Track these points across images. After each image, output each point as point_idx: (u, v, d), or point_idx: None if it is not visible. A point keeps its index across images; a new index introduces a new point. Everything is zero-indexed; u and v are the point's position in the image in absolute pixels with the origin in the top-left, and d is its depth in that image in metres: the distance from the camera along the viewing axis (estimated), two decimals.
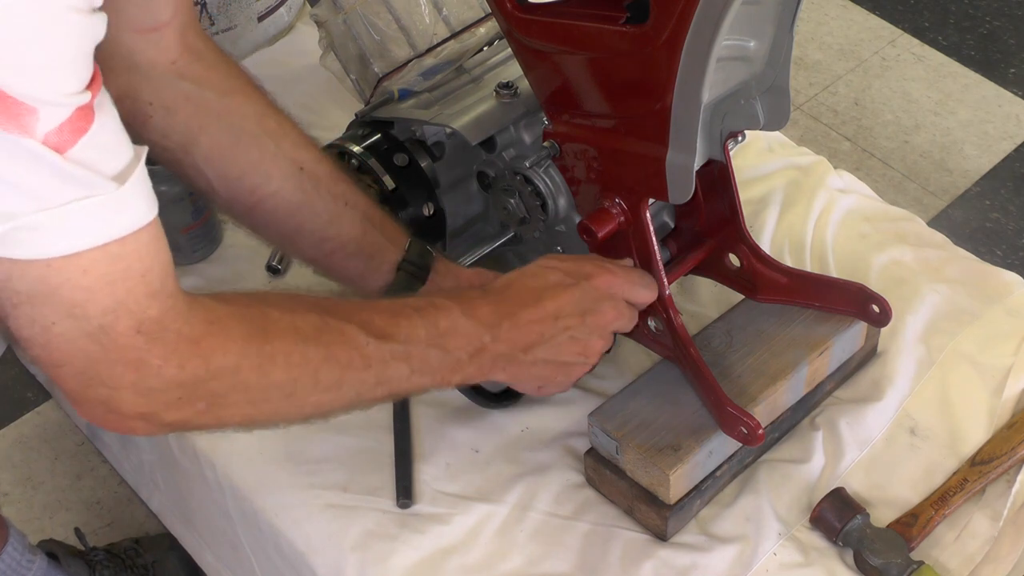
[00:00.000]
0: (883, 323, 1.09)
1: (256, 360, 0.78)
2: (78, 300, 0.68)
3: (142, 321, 0.71)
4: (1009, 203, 2.20)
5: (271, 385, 0.79)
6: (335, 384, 0.83)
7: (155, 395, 0.73)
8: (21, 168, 0.63)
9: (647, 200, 1.01)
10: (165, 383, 0.73)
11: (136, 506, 1.62)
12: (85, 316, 0.68)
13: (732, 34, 0.89)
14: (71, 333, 0.69)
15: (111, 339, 0.70)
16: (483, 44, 1.23)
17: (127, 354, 0.71)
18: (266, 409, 0.82)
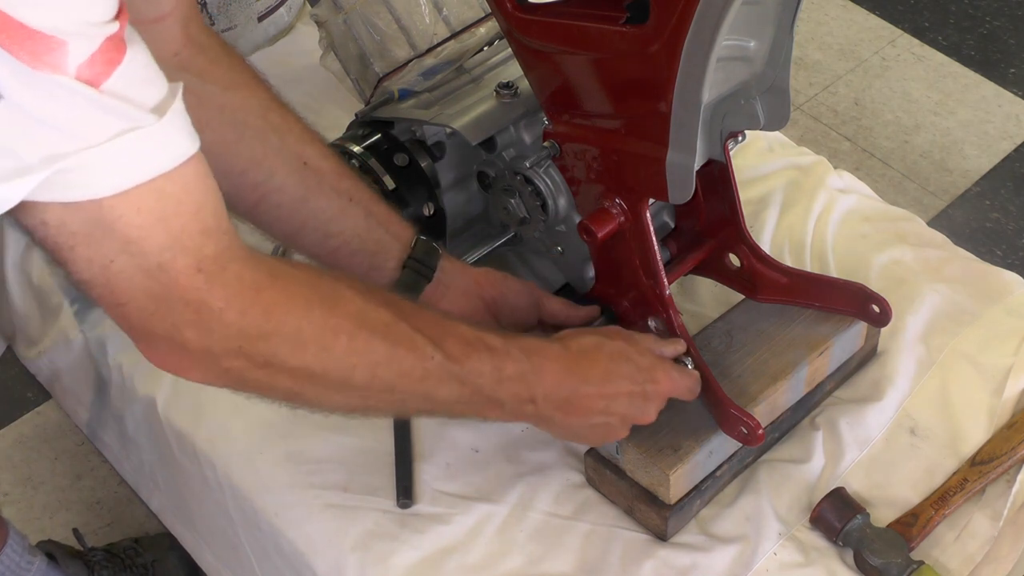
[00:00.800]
0: (883, 323, 1.09)
1: (319, 329, 0.77)
2: (133, 237, 0.67)
3: (201, 260, 0.70)
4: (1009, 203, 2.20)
5: (329, 360, 0.79)
6: (388, 387, 0.83)
7: (215, 337, 0.73)
8: (58, 107, 0.62)
9: (647, 200, 1.01)
10: (224, 327, 0.73)
11: (136, 506, 1.62)
12: (142, 253, 0.68)
13: (732, 34, 0.89)
14: (130, 271, 0.68)
15: (171, 277, 0.69)
16: (483, 44, 1.23)
17: (188, 294, 0.70)
18: (315, 388, 0.81)
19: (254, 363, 0.76)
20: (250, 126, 0.98)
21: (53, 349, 1.34)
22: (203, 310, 0.71)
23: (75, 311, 1.28)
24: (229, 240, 0.73)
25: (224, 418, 1.15)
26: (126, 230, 0.67)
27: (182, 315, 0.71)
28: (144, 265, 0.68)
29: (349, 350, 0.79)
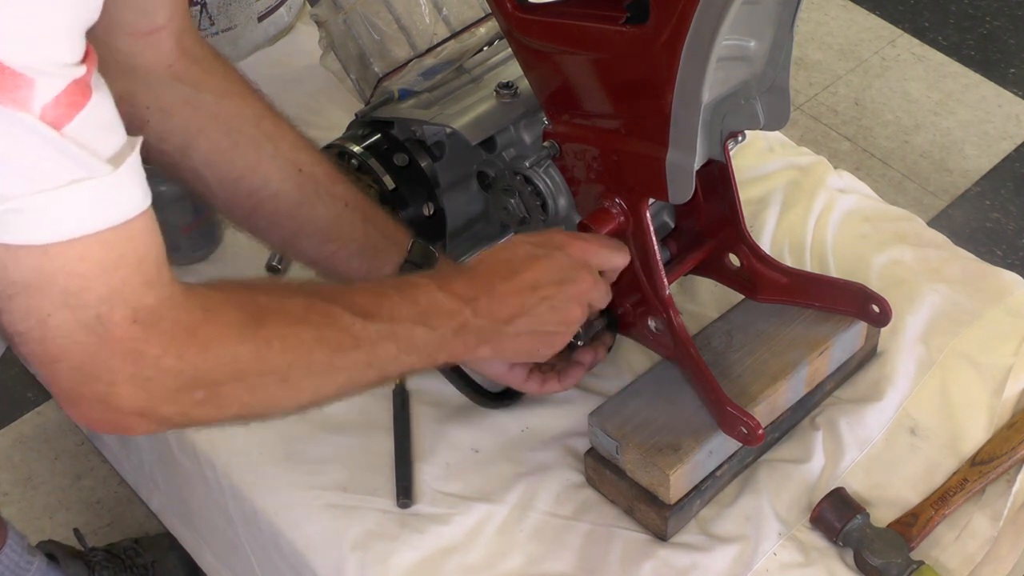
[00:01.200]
0: (883, 323, 1.09)
1: (252, 346, 0.77)
2: (74, 288, 0.67)
3: (138, 310, 0.70)
4: (1009, 203, 2.20)
5: (268, 370, 0.79)
6: (327, 366, 0.83)
7: (152, 387, 0.72)
8: (17, 145, 0.62)
9: (647, 200, 1.01)
10: (163, 373, 0.72)
11: (136, 506, 1.62)
12: (81, 305, 0.67)
13: (732, 34, 0.89)
14: (68, 325, 0.68)
15: (107, 329, 0.69)
16: (483, 44, 1.23)
17: (124, 345, 0.70)
18: (263, 397, 0.81)
19: (194, 400, 0.75)
20: (244, 134, 0.99)
21: None
22: (140, 360, 0.71)
23: None
24: (169, 291, 0.72)
25: None
26: (68, 281, 0.66)
27: (118, 370, 0.70)
28: (83, 318, 0.68)
29: (282, 350, 0.79)
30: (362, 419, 1.13)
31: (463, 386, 1.12)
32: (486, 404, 1.13)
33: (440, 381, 1.13)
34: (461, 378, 1.12)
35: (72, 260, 0.66)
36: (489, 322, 0.93)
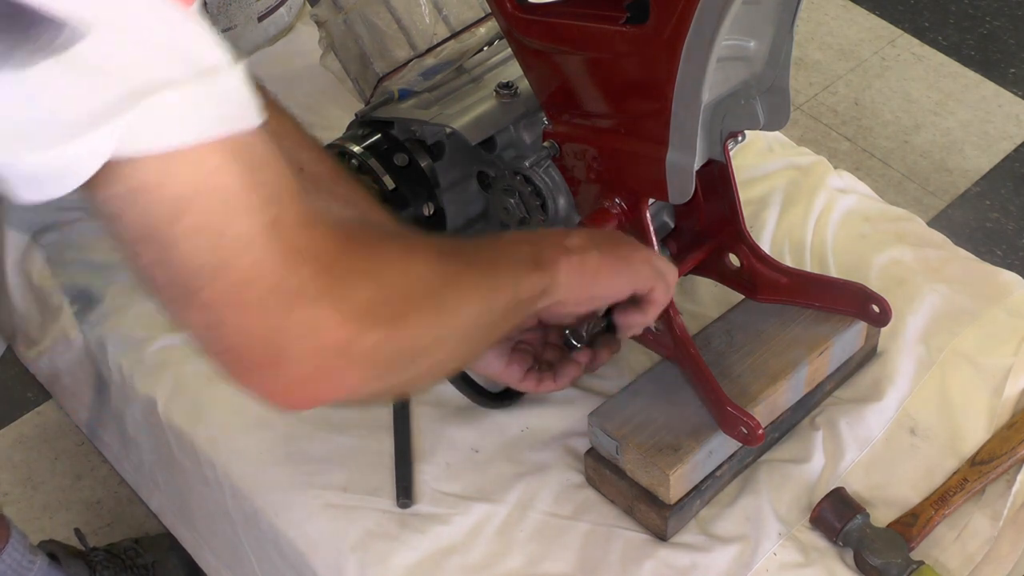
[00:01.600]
0: (883, 323, 1.09)
1: (405, 255, 0.71)
2: (240, 187, 0.58)
3: (300, 213, 0.61)
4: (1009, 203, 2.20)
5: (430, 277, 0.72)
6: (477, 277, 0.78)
7: (346, 300, 0.63)
8: (163, 29, 0.54)
9: (647, 200, 1.01)
10: (347, 277, 0.64)
11: (136, 506, 1.62)
12: (251, 209, 0.58)
13: (732, 34, 0.89)
14: (245, 236, 0.58)
15: (283, 235, 0.60)
16: (483, 44, 1.23)
17: (302, 249, 0.61)
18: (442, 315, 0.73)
19: (388, 316, 0.66)
20: None
21: (53, 349, 1.34)
22: (322, 264, 0.62)
23: (75, 311, 1.28)
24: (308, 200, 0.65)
25: (224, 418, 1.15)
26: (231, 180, 0.57)
27: (309, 280, 0.61)
28: (257, 226, 0.58)
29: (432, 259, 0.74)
30: (362, 419, 1.13)
31: (463, 386, 1.12)
32: (486, 404, 1.13)
33: (440, 381, 1.13)
34: (461, 378, 1.12)
35: (226, 159, 0.57)
36: (560, 239, 0.89)
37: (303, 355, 0.63)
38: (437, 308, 0.74)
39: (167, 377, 1.19)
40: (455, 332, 0.77)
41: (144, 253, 0.58)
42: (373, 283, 0.67)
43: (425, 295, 0.72)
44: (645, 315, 0.98)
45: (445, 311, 0.75)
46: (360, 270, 0.66)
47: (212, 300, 0.59)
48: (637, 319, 0.99)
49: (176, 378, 1.19)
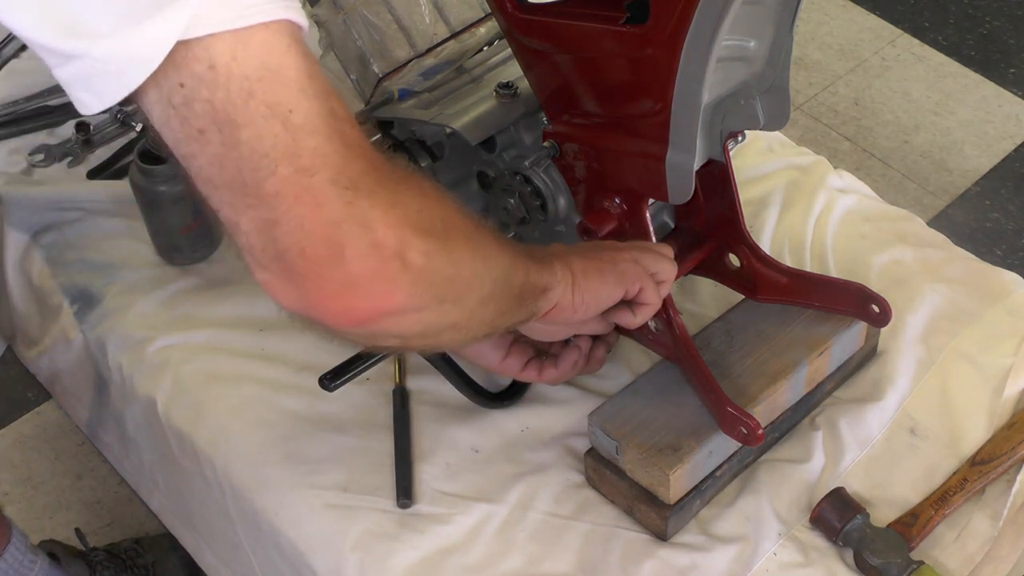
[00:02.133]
0: (883, 323, 1.09)
1: (440, 190, 0.72)
2: (302, 70, 0.58)
3: (347, 112, 0.63)
4: (1009, 203, 2.20)
5: (461, 216, 0.73)
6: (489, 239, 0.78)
7: (398, 202, 0.64)
8: None
9: (647, 200, 1.01)
10: (395, 182, 0.65)
11: (136, 506, 1.62)
12: (314, 94, 0.59)
13: (732, 34, 0.89)
14: (311, 118, 0.59)
15: (340, 126, 0.61)
16: (483, 44, 1.23)
17: (358, 143, 0.62)
18: (476, 256, 0.74)
19: (434, 237, 0.66)
20: None
21: (53, 349, 1.35)
22: (374, 161, 0.63)
23: (75, 311, 1.28)
24: None
25: (224, 418, 1.15)
26: (295, 63, 0.57)
27: (366, 172, 0.61)
28: (321, 110, 0.59)
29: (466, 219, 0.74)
30: (362, 419, 1.13)
31: (463, 386, 1.12)
32: (486, 404, 1.13)
33: (440, 381, 1.13)
34: (461, 378, 1.12)
35: (287, 39, 0.58)
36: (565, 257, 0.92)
37: (361, 252, 0.63)
38: (474, 244, 0.73)
39: (167, 377, 1.19)
40: (489, 277, 0.76)
41: (210, 143, 0.59)
42: (419, 196, 0.67)
43: (463, 228, 0.72)
44: (635, 316, 0.98)
45: (480, 250, 0.75)
46: (406, 181, 0.66)
47: (276, 190, 0.59)
48: (626, 319, 0.98)
49: (176, 378, 1.19)
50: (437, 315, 0.71)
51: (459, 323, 0.76)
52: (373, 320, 0.66)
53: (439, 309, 0.71)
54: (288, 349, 1.19)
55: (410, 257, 0.65)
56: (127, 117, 1.44)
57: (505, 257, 0.80)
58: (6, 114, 1.47)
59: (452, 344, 0.80)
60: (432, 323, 0.72)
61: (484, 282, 0.77)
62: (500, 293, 0.81)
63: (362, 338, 0.70)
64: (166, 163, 1.22)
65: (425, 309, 0.69)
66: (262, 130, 0.58)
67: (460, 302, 0.74)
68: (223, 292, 1.26)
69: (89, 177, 1.40)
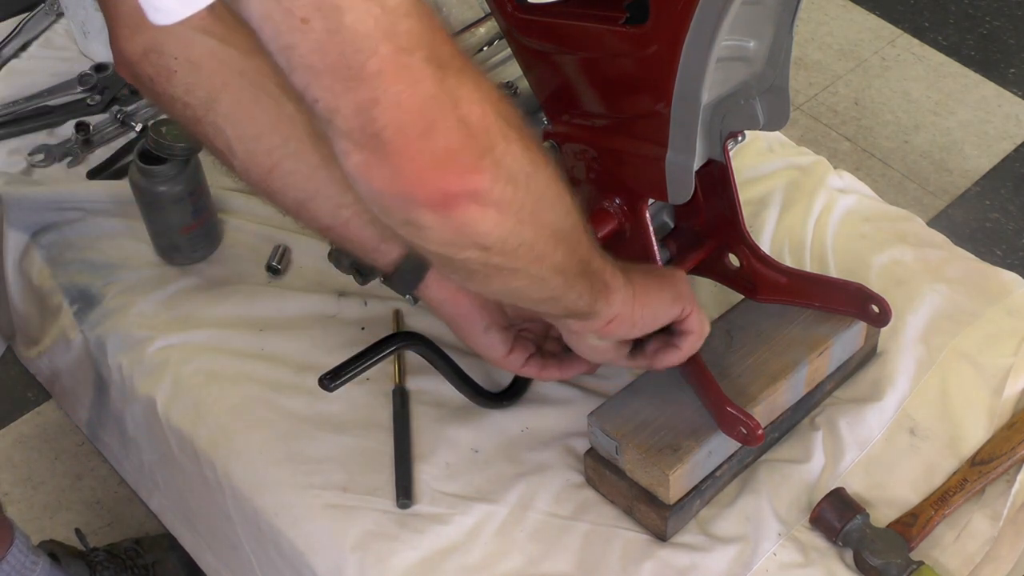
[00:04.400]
0: (883, 323, 1.09)
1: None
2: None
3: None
4: (1009, 203, 2.20)
5: (533, 156, 0.75)
6: (561, 198, 0.80)
7: (483, 87, 0.68)
8: None
9: (647, 200, 1.01)
10: (474, 74, 0.68)
11: (136, 506, 1.62)
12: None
13: (732, 34, 0.89)
14: (406, 1, 0.63)
15: (426, 8, 0.65)
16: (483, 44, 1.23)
17: (439, 27, 0.66)
18: (542, 188, 0.76)
19: (517, 130, 0.70)
20: (267, 91, 0.98)
21: (53, 349, 1.35)
22: (455, 48, 0.67)
23: (75, 311, 1.28)
24: None
25: (224, 418, 1.15)
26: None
27: (454, 55, 0.66)
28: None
29: (533, 147, 0.76)
30: (362, 419, 1.13)
31: (463, 386, 1.12)
32: (486, 404, 1.13)
33: (440, 381, 1.13)
34: (461, 378, 1.12)
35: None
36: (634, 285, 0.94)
37: (450, 126, 0.66)
38: (545, 164, 0.76)
39: (167, 377, 1.19)
40: (562, 209, 0.79)
41: (313, 30, 0.62)
42: (496, 88, 0.70)
43: (535, 141, 0.75)
44: (680, 350, 1.00)
45: (551, 176, 0.77)
46: (482, 72, 0.69)
47: (379, 68, 0.63)
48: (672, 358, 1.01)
49: (176, 378, 1.19)
50: (517, 219, 0.74)
51: (535, 244, 0.78)
52: (458, 200, 0.69)
53: (519, 213, 0.74)
54: (288, 349, 1.19)
55: (492, 135, 0.69)
56: (127, 117, 1.44)
57: (575, 208, 0.82)
58: (6, 114, 1.47)
59: (526, 281, 0.82)
60: (512, 229, 0.74)
61: (557, 211, 0.79)
62: (570, 243, 0.82)
63: (448, 237, 0.72)
64: (166, 163, 1.22)
65: (506, 205, 0.72)
66: (363, 13, 0.62)
67: (537, 216, 0.76)
68: (223, 292, 1.26)
69: (89, 177, 1.40)
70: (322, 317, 1.23)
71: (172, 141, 1.21)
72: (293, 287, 1.26)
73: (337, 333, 1.21)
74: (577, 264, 0.85)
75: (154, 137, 1.21)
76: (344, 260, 1.16)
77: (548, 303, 0.89)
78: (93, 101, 1.47)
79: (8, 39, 1.55)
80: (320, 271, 1.25)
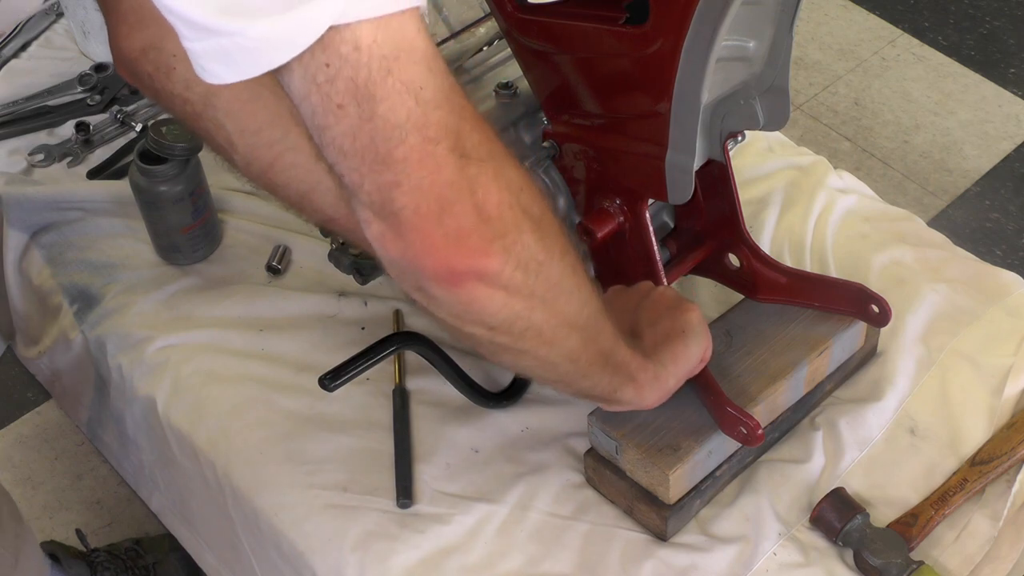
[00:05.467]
0: (883, 323, 1.09)
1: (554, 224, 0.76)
2: (427, 52, 0.64)
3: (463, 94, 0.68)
4: (1009, 203, 2.20)
5: (549, 241, 0.75)
6: (578, 289, 0.80)
7: (504, 174, 0.70)
8: None
9: (647, 200, 1.01)
10: (504, 156, 0.70)
11: (136, 506, 1.62)
12: (437, 71, 0.65)
13: (732, 34, 0.89)
14: (438, 94, 0.65)
15: (459, 102, 0.67)
16: (483, 44, 1.23)
17: (473, 117, 0.68)
18: (550, 289, 0.77)
19: (518, 250, 0.72)
20: (267, 85, 0.97)
21: (53, 349, 1.35)
22: (486, 134, 0.69)
23: (75, 311, 1.28)
24: None
25: (224, 418, 1.15)
26: (422, 44, 0.64)
27: (480, 144, 0.68)
28: (443, 88, 0.65)
29: (553, 231, 0.76)
30: (362, 419, 1.13)
31: (463, 386, 1.12)
32: (486, 404, 1.13)
33: (440, 381, 1.13)
34: (461, 378, 1.12)
35: (421, 26, 0.64)
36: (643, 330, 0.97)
37: (465, 210, 0.68)
38: (566, 253, 0.77)
39: (167, 377, 1.19)
40: (579, 298, 0.80)
41: (348, 116, 0.64)
42: (522, 177, 0.72)
43: (558, 230, 0.76)
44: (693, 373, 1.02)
45: (572, 266, 0.78)
46: (513, 160, 0.72)
47: (404, 156, 0.65)
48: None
49: (176, 378, 1.19)
50: (526, 305, 0.75)
51: (544, 331, 0.79)
52: (466, 278, 0.71)
53: (528, 299, 0.75)
54: (288, 349, 1.19)
55: (506, 222, 0.71)
56: (127, 117, 1.44)
57: (595, 300, 0.84)
58: (6, 114, 1.47)
59: (534, 363, 0.84)
60: (520, 313, 0.76)
61: (573, 299, 0.80)
62: (587, 334, 0.84)
63: (455, 310, 0.74)
64: (166, 163, 1.22)
65: (515, 290, 0.73)
66: (396, 104, 0.64)
67: (548, 304, 0.77)
68: (223, 292, 1.26)
69: (89, 177, 1.40)
70: (322, 317, 1.23)
71: (172, 141, 1.21)
72: (293, 287, 1.26)
73: (337, 333, 1.21)
74: (595, 355, 0.87)
75: (154, 137, 1.21)
76: (344, 260, 1.16)
77: (559, 385, 0.92)
78: (93, 101, 1.47)
79: (8, 39, 1.55)
80: (320, 271, 1.25)
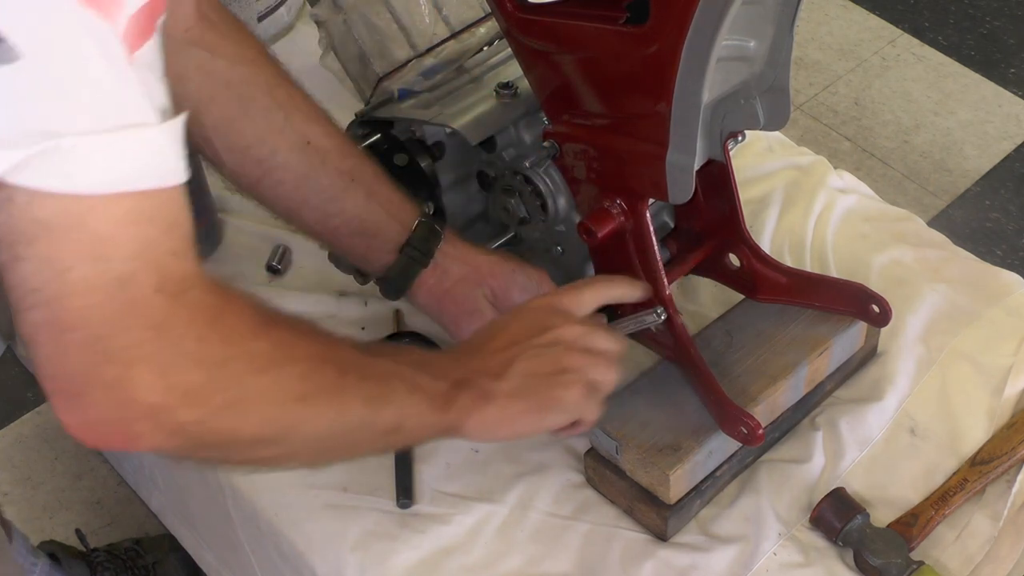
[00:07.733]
0: (883, 323, 1.09)
1: (268, 344, 0.72)
2: (101, 237, 0.60)
3: (164, 278, 0.63)
4: (1009, 203, 2.20)
5: (284, 379, 0.73)
6: (339, 389, 0.77)
7: (171, 375, 0.65)
8: (88, 69, 0.56)
9: (647, 200, 1.01)
10: (183, 358, 0.65)
11: (136, 506, 1.62)
12: (106, 259, 0.61)
13: (732, 34, 0.89)
14: (89, 281, 0.61)
15: (130, 293, 0.62)
16: (483, 44, 1.23)
17: (146, 314, 0.63)
18: (282, 414, 0.73)
19: (213, 406, 0.68)
20: (256, 102, 0.98)
21: None
22: (161, 333, 0.64)
23: None
24: (195, 268, 0.66)
25: None
26: (95, 228, 0.60)
27: (137, 345, 0.63)
28: (106, 275, 0.61)
29: (296, 357, 0.74)
30: None
31: None
32: None
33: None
34: None
35: (105, 213, 0.60)
36: (483, 379, 0.88)
37: (105, 403, 0.64)
38: (282, 416, 0.73)
39: None
40: (298, 441, 0.77)
41: (12, 257, 0.61)
42: (220, 371, 0.68)
43: (274, 400, 0.73)
44: (573, 430, 0.97)
45: (292, 420, 0.75)
46: (212, 355, 0.67)
47: (36, 323, 0.62)
48: (565, 432, 0.97)
49: None
50: (215, 456, 0.75)
51: (256, 461, 0.79)
52: (120, 449, 0.71)
53: (216, 453, 0.74)
54: None
55: (166, 421, 0.66)
56: None
57: (349, 415, 0.79)
58: None
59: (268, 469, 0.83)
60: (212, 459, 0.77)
61: (289, 445, 0.76)
62: (329, 445, 0.80)
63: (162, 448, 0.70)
64: None
65: (189, 452, 0.72)
66: (34, 271, 0.61)
67: (244, 452, 0.75)
68: None
69: None
70: (322, 317, 1.23)
71: None
72: (293, 287, 1.26)
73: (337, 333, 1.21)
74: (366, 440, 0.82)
75: None
76: (344, 260, 1.16)
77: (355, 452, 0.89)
78: None
79: None
80: (320, 271, 1.25)
